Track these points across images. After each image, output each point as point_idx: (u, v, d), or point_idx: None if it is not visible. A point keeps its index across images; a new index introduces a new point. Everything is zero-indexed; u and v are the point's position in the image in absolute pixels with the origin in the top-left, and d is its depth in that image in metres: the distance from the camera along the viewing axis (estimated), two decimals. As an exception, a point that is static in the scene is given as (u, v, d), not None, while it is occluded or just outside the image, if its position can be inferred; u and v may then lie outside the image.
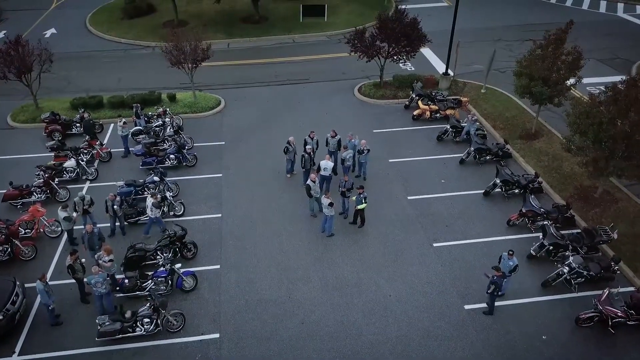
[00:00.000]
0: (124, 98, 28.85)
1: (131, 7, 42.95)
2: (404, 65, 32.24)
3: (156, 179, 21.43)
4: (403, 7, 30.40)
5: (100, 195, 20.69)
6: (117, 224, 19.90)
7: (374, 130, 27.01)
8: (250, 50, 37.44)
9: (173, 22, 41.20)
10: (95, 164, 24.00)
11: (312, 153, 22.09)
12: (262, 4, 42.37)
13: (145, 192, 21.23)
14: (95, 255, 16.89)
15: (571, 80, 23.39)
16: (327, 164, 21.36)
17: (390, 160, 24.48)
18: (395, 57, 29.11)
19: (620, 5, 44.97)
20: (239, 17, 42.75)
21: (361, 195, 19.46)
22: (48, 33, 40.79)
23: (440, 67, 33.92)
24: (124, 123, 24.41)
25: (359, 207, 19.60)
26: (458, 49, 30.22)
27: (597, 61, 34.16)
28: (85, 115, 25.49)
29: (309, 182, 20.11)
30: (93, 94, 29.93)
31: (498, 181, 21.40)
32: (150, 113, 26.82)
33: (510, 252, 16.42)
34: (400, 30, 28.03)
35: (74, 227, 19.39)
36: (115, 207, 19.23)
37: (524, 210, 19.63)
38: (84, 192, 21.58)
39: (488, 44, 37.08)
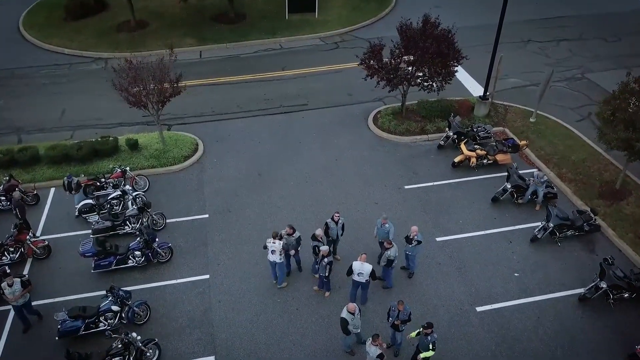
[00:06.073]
0: (67, 146, 21.45)
1: (76, 5, 34.39)
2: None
3: (115, 308, 14.50)
4: None
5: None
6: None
7: (406, 186, 20.49)
8: (228, 61, 30.03)
9: (130, 24, 33.33)
10: (27, 268, 16.90)
11: (328, 253, 15.29)
12: (238, -3, 34.78)
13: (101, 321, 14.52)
14: None
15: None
16: (362, 268, 14.79)
17: (438, 239, 18.07)
18: (426, 85, 22.32)
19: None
20: (209, 14, 34.95)
21: (429, 338, 13.00)
22: (-30, 42, 32.45)
23: (468, 82, 27.29)
24: (26, 284, 14.53)
25: (425, 355, 13.15)
26: (500, 66, 23.52)
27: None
28: (22, 195, 18.14)
29: (345, 314, 13.53)
30: (26, 141, 22.54)
31: (604, 286, 15.21)
32: (103, 179, 19.54)
33: None
34: (435, 50, 21.18)
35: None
36: None
37: (659, 345, 13.54)
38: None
39: (517, 46, 30.67)
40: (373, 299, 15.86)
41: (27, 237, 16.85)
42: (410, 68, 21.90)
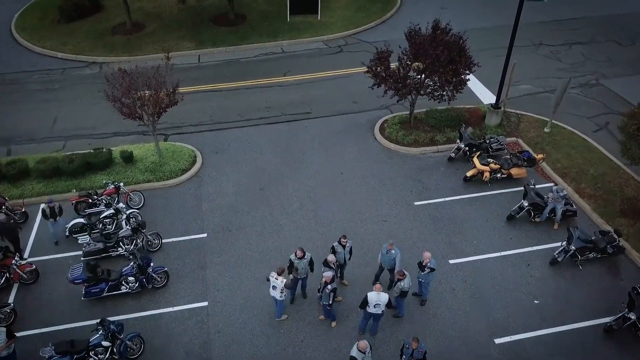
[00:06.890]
0: (58, 159, 20.32)
1: (70, 6, 33.09)
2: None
3: (106, 344, 13.39)
4: None
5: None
6: None
7: (415, 202, 19.36)
8: (227, 65, 28.87)
9: (125, 26, 32.15)
10: (12, 296, 15.79)
11: (331, 279, 14.09)
12: (238, -3, 33.58)
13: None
14: None
15: None
16: (379, 298, 13.64)
17: (451, 262, 16.97)
18: (437, 95, 21.21)
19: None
20: (208, 15, 33.76)
21: (445, 382, 11.95)
22: (-40, 45, 31.26)
23: (477, 87, 26.08)
24: (11, 335, 13.39)
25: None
26: (513, 73, 22.38)
27: None
28: (8, 213, 17.05)
29: (355, 352, 12.47)
30: (15, 152, 21.47)
31: (633, 317, 14.12)
32: (96, 195, 18.41)
33: None
34: (446, 57, 20.05)
35: None
36: None
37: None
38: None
39: (528, 49, 29.40)
40: (383, 329, 14.80)
41: (13, 261, 15.70)
42: (419, 77, 20.75)
